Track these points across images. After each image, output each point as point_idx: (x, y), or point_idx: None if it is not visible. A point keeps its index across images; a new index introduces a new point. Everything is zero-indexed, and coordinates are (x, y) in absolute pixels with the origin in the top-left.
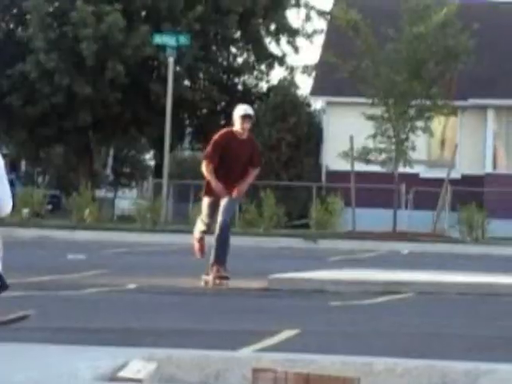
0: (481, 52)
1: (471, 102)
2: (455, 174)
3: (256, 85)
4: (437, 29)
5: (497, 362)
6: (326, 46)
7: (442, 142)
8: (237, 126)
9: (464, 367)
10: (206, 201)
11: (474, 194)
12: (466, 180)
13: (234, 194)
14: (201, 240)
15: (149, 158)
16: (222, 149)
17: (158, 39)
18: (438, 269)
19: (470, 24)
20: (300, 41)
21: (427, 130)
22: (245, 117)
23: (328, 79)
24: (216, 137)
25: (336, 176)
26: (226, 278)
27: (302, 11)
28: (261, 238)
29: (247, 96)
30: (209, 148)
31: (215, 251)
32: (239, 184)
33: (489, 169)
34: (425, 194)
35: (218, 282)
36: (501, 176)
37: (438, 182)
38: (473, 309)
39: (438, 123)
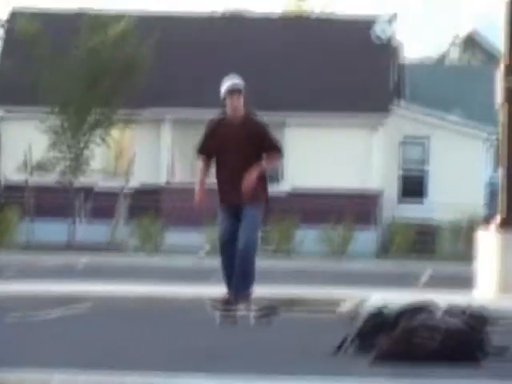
0: (158, 64)
1: (148, 113)
2: (132, 185)
3: None
4: (115, 41)
5: (181, 372)
6: (5, 55)
7: (119, 153)
8: (227, 107)
9: (143, 380)
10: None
11: (150, 205)
12: (143, 191)
13: (243, 188)
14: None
15: None
16: (211, 139)
17: None
18: (115, 280)
19: (148, 36)
20: None
21: (106, 141)
22: (231, 93)
23: (6, 89)
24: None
25: (14, 188)
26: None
27: None
28: None
29: None
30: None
31: (235, 281)
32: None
33: (165, 180)
34: (102, 205)
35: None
36: (176, 187)
37: (115, 193)
38: (150, 320)
39: (115, 134)
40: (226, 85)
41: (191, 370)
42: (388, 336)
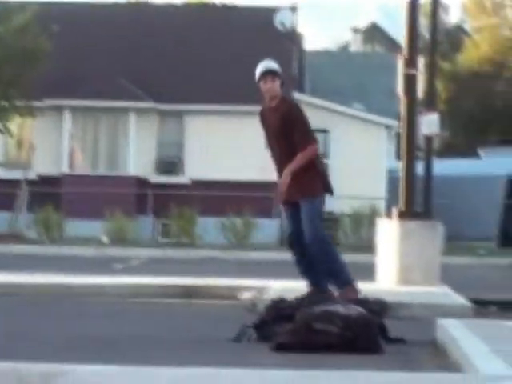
0: (58, 53)
1: (48, 102)
2: (32, 175)
3: None
4: (16, 31)
5: (75, 362)
6: None
7: (19, 143)
8: (263, 92)
9: (40, 369)
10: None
11: (51, 195)
12: (43, 181)
13: (280, 190)
14: None
15: None
16: (264, 132)
17: None
18: (15, 270)
19: (49, 25)
20: None
21: (6, 131)
22: (264, 75)
23: None
24: None
25: None
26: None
27: None
28: None
29: None
30: None
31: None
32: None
33: (65, 170)
34: (2, 194)
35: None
36: (77, 177)
37: (15, 182)
38: (51, 309)
39: (15, 124)
40: (258, 69)
41: (87, 359)
42: (288, 325)
